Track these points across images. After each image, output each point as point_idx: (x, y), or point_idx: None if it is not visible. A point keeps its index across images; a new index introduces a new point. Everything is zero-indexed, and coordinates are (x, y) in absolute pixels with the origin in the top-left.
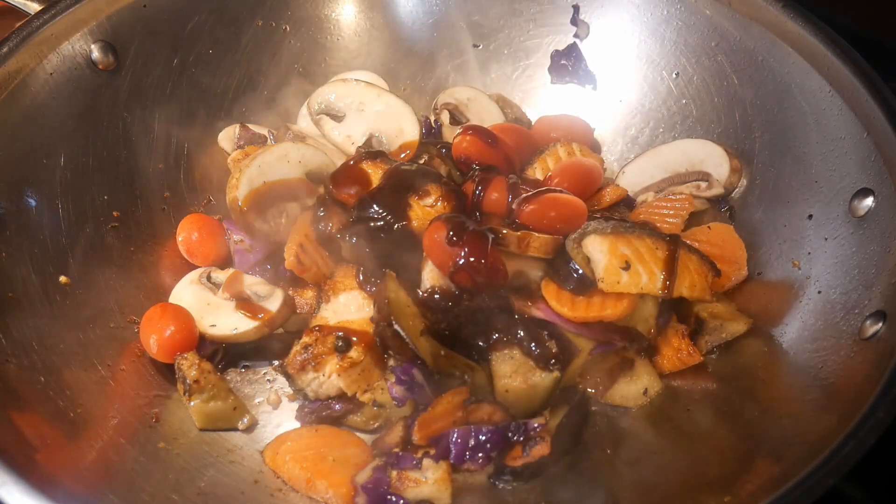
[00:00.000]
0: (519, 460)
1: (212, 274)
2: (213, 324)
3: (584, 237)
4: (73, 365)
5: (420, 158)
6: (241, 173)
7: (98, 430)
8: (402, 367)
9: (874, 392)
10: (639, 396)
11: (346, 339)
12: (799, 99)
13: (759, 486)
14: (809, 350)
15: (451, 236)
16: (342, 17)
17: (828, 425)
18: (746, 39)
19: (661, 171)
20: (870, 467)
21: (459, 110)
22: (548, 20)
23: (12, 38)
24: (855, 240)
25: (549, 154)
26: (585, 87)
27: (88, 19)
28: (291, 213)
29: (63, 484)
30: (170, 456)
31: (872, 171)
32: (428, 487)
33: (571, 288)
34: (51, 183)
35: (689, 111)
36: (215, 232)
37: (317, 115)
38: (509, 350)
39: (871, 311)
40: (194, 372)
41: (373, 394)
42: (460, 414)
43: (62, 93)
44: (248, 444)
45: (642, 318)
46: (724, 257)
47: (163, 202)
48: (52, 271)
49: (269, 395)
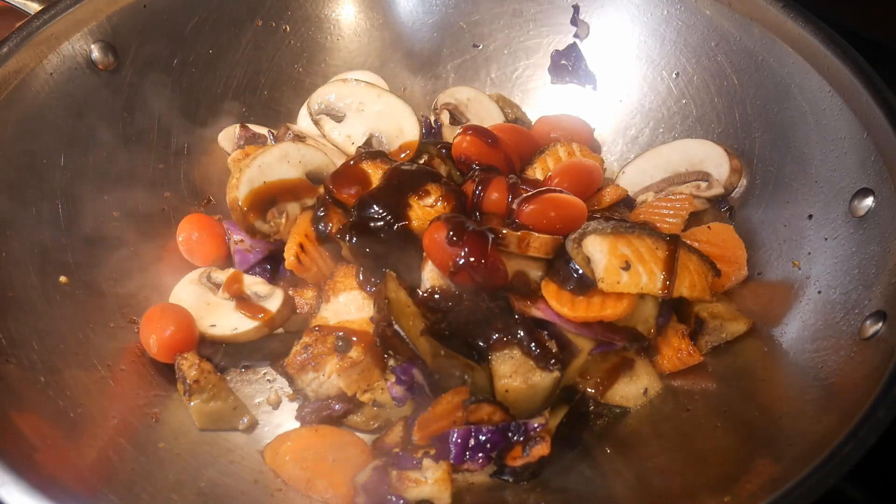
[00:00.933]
0: (519, 460)
1: (212, 274)
2: (213, 324)
3: (584, 237)
4: (73, 365)
5: (420, 158)
6: (241, 173)
7: (98, 430)
8: (402, 367)
9: (874, 392)
10: (639, 396)
11: (346, 339)
12: (799, 99)
13: (759, 486)
14: (809, 350)
15: (451, 236)
16: (342, 17)
17: (828, 425)
18: (746, 39)
19: (661, 171)
20: (870, 467)
21: (459, 110)
22: (548, 20)
23: (12, 38)
24: (855, 240)
25: (549, 154)
26: (585, 87)
27: (88, 19)
28: (291, 213)
29: (63, 484)
30: (170, 456)
31: (872, 171)
32: (428, 487)
33: (571, 288)
34: (51, 183)
35: (689, 111)
36: (215, 232)
37: (317, 115)
38: (509, 350)
39: (871, 311)
40: (194, 372)
41: (373, 394)
42: (460, 414)
43: (62, 93)
44: (248, 444)
45: (642, 318)
46: (724, 257)
47: (163, 202)
48: (52, 271)
49: (269, 395)
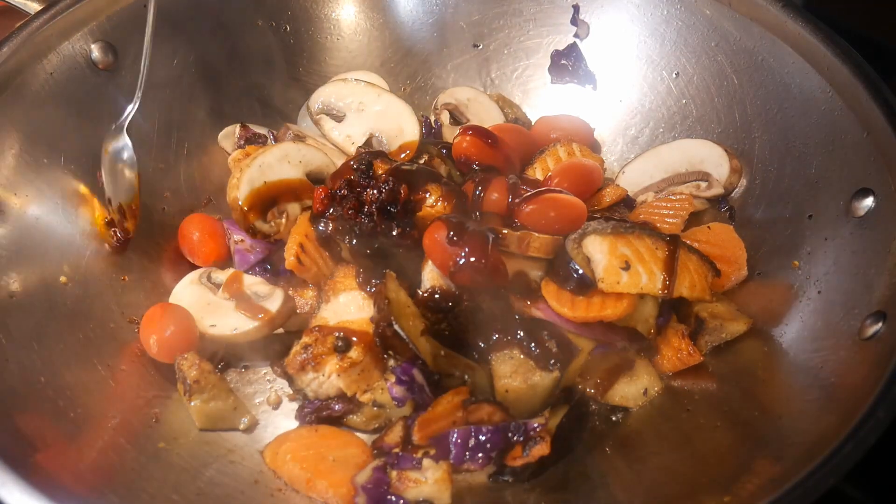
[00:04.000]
0: (519, 460)
1: (212, 274)
2: (213, 324)
3: (584, 237)
4: (73, 365)
5: (420, 158)
6: (241, 173)
7: (98, 430)
8: (402, 367)
9: (874, 392)
10: (639, 396)
11: (345, 339)
12: (799, 99)
13: (759, 486)
14: (809, 350)
15: (451, 236)
16: (342, 17)
17: (828, 425)
18: (746, 39)
19: (661, 171)
20: (870, 467)
21: (459, 110)
22: (548, 20)
23: (12, 38)
24: (855, 240)
25: (549, 154)
26: (585, 87)
27: (88, 19)
28: (291, 213)
29: (63, 484)
30: (170, 456)
31: (872, 171)
32: (428, 487)
33: (571, 288)
34: (51, 183)
35: (689, 111)
36: (215, 232)
37: (317, 115)
38: (509, 350)
39: (871, 311)
40: (194, 372)
41: (373, 394)
42: (460, 414)
43: (62, 93)
44: (248, 444)
45: (642, 318)
46: (724, 257)
47: (163, 202)
48: (52, 271)
49: (269, 395)
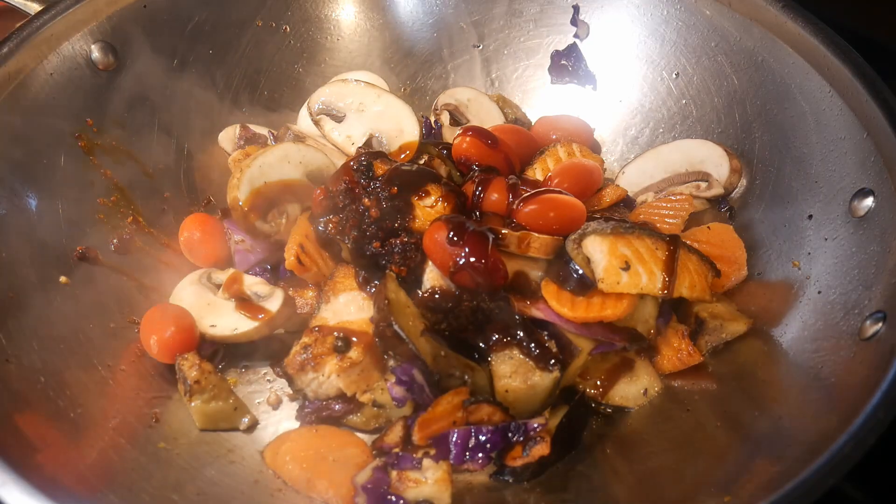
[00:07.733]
0: (519, 460)
1: (212, 274)
2: (213, 324)
3: (584, 238)
4: (73, 365)
5: (420, 159)
6: (242, 173)
7: (98, 430)
8: (402, 367)
9: (874, 392)
10: (639, 396)
11: (345, 339)
12: (799, 99)
13: (759, 486)
14: (809, 350)
15: (451, 237)
16: (342, 17)
17: (828, 425)
18: (746, 39)
19: (661, 171)
20: (870, 467)
21: (459, 111)
22: (548, 20)
23: (12, 38)
24: (855, 240)
25: (549, 154)
26: (585, 88)
27: (88, 19)
28: (291, 214)
29: (63, 484)
30: (170, 456)
31: (872, 171)
32: (428, 487)
33: (571, 288)
34: (51, 183)
35: (689, 111)
36: (216, 232)
37: (317, 116)
38: (509, 350)
39: (871, 311)
40: (195, 372)
41: (373, 394)
42: (460, 414)
43: (62, 93)
44: (248, 444)
45: (642, 318)
46: (724, 257)
47: (163, 202)
48: (52, 271)
49: (269, 396)
